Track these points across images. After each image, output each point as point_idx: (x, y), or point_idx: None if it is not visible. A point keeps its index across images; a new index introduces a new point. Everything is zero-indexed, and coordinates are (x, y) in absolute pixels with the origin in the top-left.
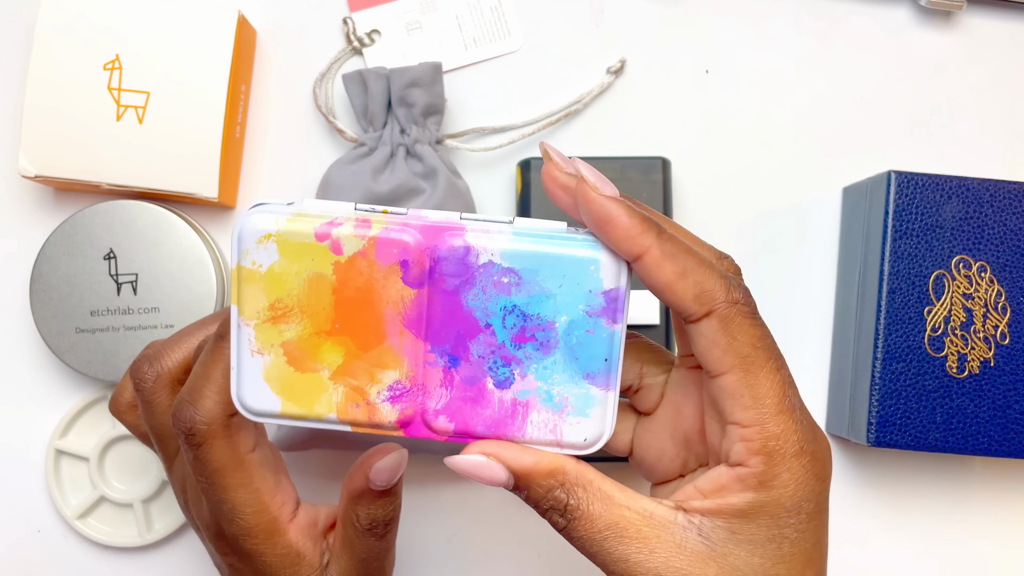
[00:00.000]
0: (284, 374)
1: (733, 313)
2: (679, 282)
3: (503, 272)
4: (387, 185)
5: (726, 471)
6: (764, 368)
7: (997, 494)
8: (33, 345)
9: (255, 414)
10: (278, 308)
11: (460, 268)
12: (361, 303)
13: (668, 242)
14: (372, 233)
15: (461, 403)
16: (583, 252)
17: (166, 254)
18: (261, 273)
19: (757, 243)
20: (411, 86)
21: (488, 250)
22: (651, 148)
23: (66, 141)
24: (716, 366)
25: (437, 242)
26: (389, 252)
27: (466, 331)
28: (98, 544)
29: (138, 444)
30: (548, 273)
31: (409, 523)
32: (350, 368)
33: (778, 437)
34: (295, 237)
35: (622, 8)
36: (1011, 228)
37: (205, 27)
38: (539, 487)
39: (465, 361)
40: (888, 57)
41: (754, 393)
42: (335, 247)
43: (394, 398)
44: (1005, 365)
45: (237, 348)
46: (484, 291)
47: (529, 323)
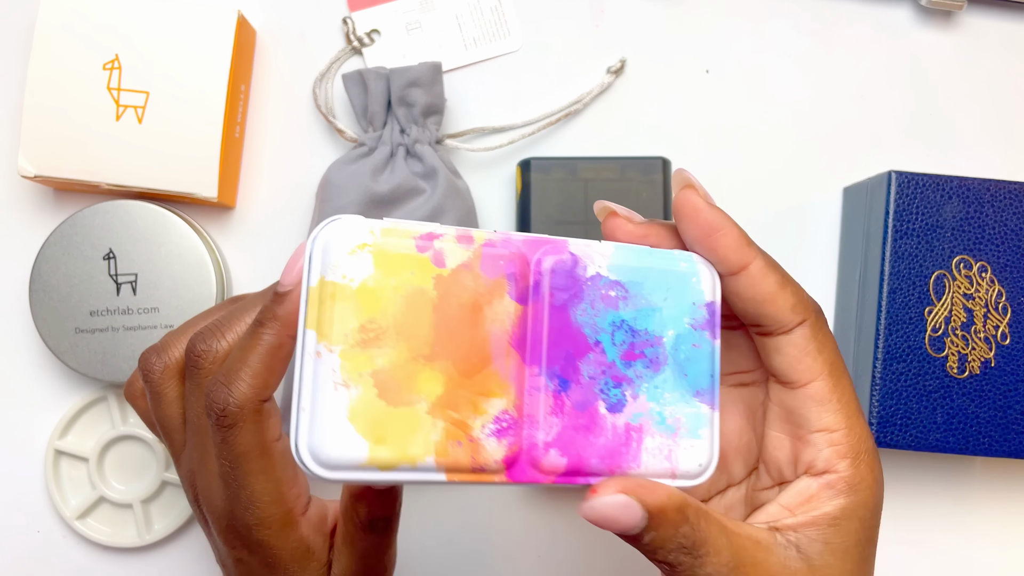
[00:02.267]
0: (374, 410)
1: (822, 324)
2: (781, 292)
3: (611, 285)
4: (387, 185)
5: (813, 481)
6: (845, 375)
7: (997, 494)
8: (32, 345)
9: (333, 466)
10: (370, 329)
11: (569, 281)
12: (464, 321)
13: (767, 255)
14: (477, 243)
15: (573, 432)
16: (685, 265)
17: (166, 254)
18: (353, 289)
19: (757, 243)
20: (411, 86)
21: (595, 262)
22: (651, 148)
23: (66, 141)
24: (806, 374)
25: (543, 254)
26: (495, 264)
27: (575, 350)
28: (98, 544)
29: (138, 444)
30: (653, 286)
31: (409, 523)
32: (451, 398)
33: (861, 439)
34: (394, 247)
35: (622, 8)
36: (1011, 228)
37: (205, 27)
38: (670, 526)
39: (576, 384)
40: (888, 57)
41: (840, 398)
42: (437, 258)
43: (500, 431)
44: (1006, 365)
45: (312, 382)
46: (593, 305)
47: (638, 339)
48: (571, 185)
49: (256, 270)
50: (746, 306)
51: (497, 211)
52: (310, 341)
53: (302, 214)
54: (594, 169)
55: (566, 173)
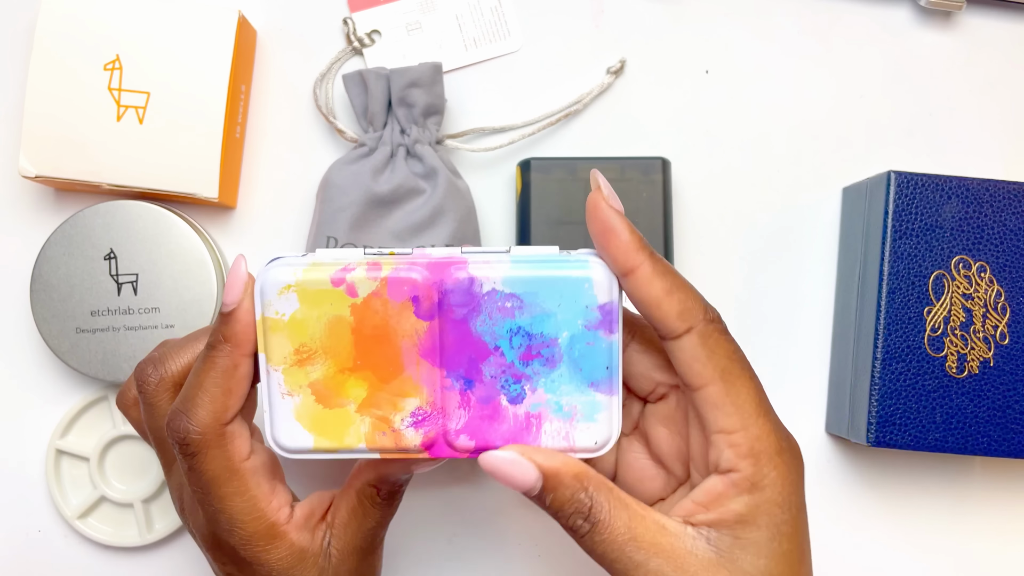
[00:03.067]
0: (314, 412)
1: (711, 329)
2: (666, 298)
3: (506, 297)
4: (387, 185)
5: (719, 480)
6: (740, 378)
7: (997, 494)
8: (33, 345)
9: (290, 451)
10: (303, 352)
11: (467, 298)
12: (379, 339)
13: (659, 262)
14: (383, 274)
15: (479, 421)
16: (577, 272)
17: (166, 254)
18: (284, 322)
19: (757, 243)
20: (411, 86)
21: (491, 279)
22: (651, 148)
23: (66, 142)
24: (697, 379)
25: (443, 276)
26: (400, 290)
27: (477, 355)
28: (98, 544)
29: (138, 444)
30: (547, 294)
31: (409, 523)
32: (374, 400)
33: (760, 439)
34: (313, 285)
35: (622, 8)
36: (1011, 228)
37: (205, 27)
38: (566, 489)
39: (479, 382)
40: (888, 57)
41: (734, 400)
42: (351, 290)
43: (417, 423)
44: (1005, 365)
45: (268, 392)
46: (490, 316)
47: (534, 341)
48: (571, 185)
49: (257, 270)
50: (639, 308)
51: (497, 211)
52: (262, 362)
53: (303, 214)
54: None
55: (566, 173)
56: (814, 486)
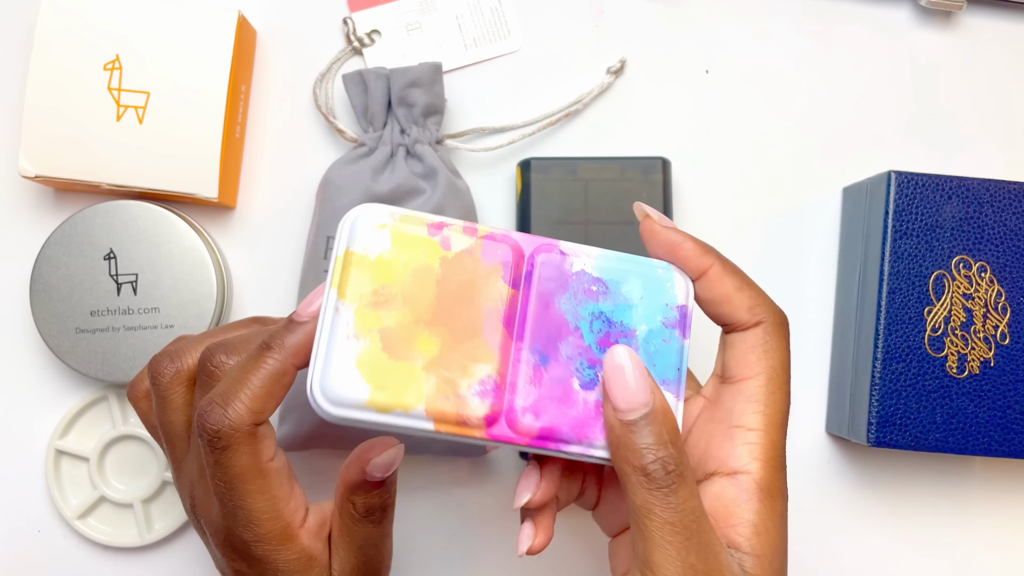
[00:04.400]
0: (378, 361)
1: (777, 329)
2: (737, 293)
3: (593, 281)
4: (387, 185)
5: (726, 483)
6: (782, 387)
7: (997, 494)
8: (33, 345)
9: (337, 403)
10: (382, 294)
11: (556, 273)
12: (462, 297)
13: (728, 263)
14: (481, 233)
15: (548, 401)
16: (662, 271)
17: (166, 254)
18: (371, 259)
19: (757, 243)
20: (411, 86)
21: (581, 260)
22: (651, 148)
23: (66, 141)
24: (746, 371)
25: (536, 249)
26: (494, 252)
27: (557, 332)
28: (98, 544)
29: (138, 444)
30: (632, 286)
31: (409, 523)
32: (444, 359)
33: (775, 446)
34: (409, 229)
35: (622, 8)
36: (1011, 228)
37: (205, 27)
38: (668, 431)
39: (554, 360)
40: (888, 57)
41: (768, 403)
42: (445, 243)
43: (484, 392)
44: (1005, 365)
45: (329, 332)
46: (575, 296)
47: (614, 329)
48: (571, 185)
49: (256, 270)
50: (709, 307)
51: (497, 211)
52: (331, 298)
53: (303, 214)
54: (594, 169)
55: (566, 173)
56: (814, 486)
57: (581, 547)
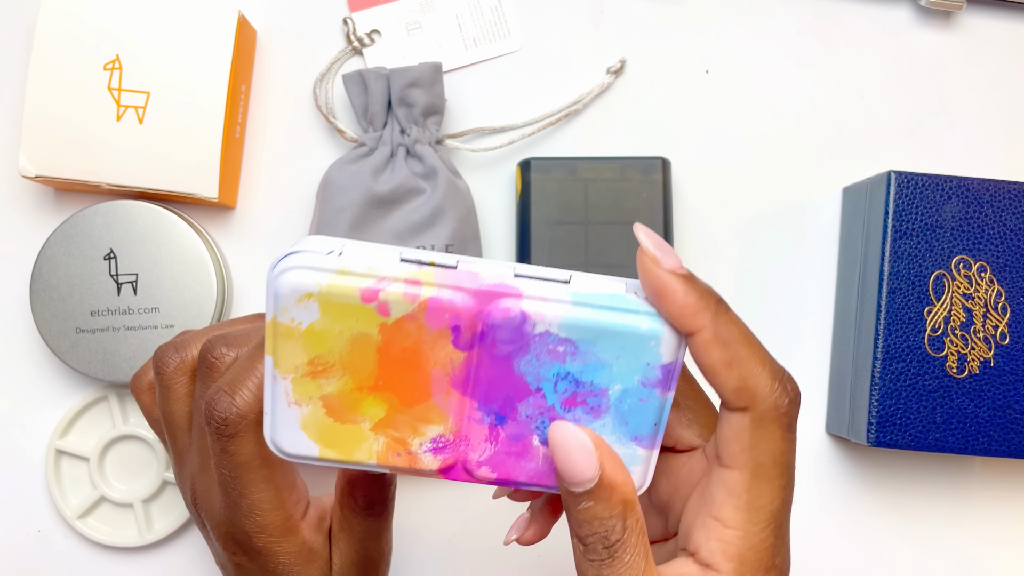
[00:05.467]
0: (323, 424)
1: (768, 420)
2: (724, 370)
3: (560, 342)
4: (387, 185)
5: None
6: (772, 482)
7: (997, 494)
8: (33, 345)
9: (290, 457)
10: (318, 364)
11: (515, 336)
12: (407, 363)
13: (724, 325)
14: (423, 296)
15: (505, 456)
16: (646, 326)
17: (166, 254)
18: (300, 331)
19: (757, 243)
20: (411, 86)
21: (546, 320)
22: (651, 148)
23: (66, 141)
24: (730, 459)
25: (492, 308)
26: (440, 317)
27: (515, 394)
28: (98, 544)
29: (138, 444)
30: (607, 345)
31: (409, 523)
32: (393, 421)
33: (755, 550)
34: (339, 299)
35: (622, 8)
36: (1011, 228)
37: (205, 27)
38: (610, 507)
39: (512, 420)
40: (888, 57)
41: (751, 500)
42: (382, 309)
43: (436, 450)
44: (1005, 365)
45: (272, 396)
46: (538, 358)
47: (581, 389)
48: (571, 185)
49: (257, 270)
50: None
51: (497, 211)
52: (269, 364)
53: (303, 214)
54: (594, 169)
55: (566, 173)
56: (814, 486)
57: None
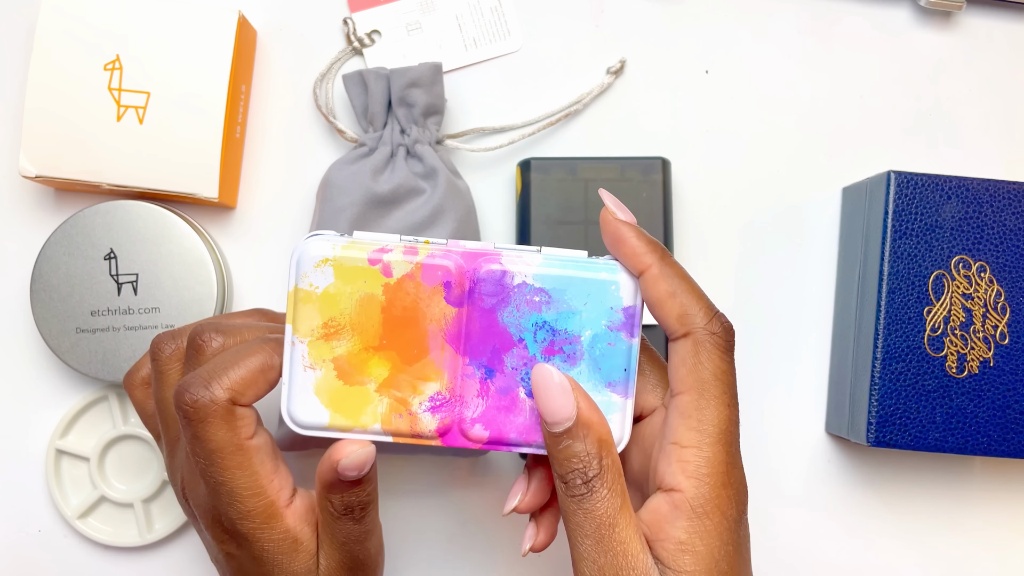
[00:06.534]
0: (333, 387)
1: (706, 340)
2: (668, 300)
3: (535, 292)
4: (387, 185)
5: (663, 499)
6: (717, 398)
7: (997, 494)
8: (33, 345)
9: (304, 427)
10: (331, 326)
11: (497, 288)
12: (407, 321)
13: (668, 266)
14: (419, 259)
15: (496, 412)
16: (605, 274)
17: (166, 254)
18: (317, 294)
19: (757, 243)
20: (411, 86)
21: (522, 273)
22: (651, 148)
23: (67, 141)
24: (678, 385)
25: (476, 265)
26: (434, 275)
27: (501, 345)
28: (98, 544)
29: (138, 444)
30: (575, 292)
31: (409, 523)
32: (395, 381)
33: (711, 463)
34: (350, 261)
35: (622, 8)
36: (1010, 228)
37: (205, 27)
38: (587, 444)
39: (500, 373)
40: (888, 57)
41: (700, 417)
42: (386, 270)
43: (434, 408)
44: (1005, 365)
45: (290, 364)
46: (518, 309)
47: (558, 337)
48: (571, 185)
49: (257, 270)
50: (649, 309)
51: (497, 211)
52: (288, 333)
53: (303, 214)
54: (594, 169)
55: (566, 173)
56: (814, 486)
57: None
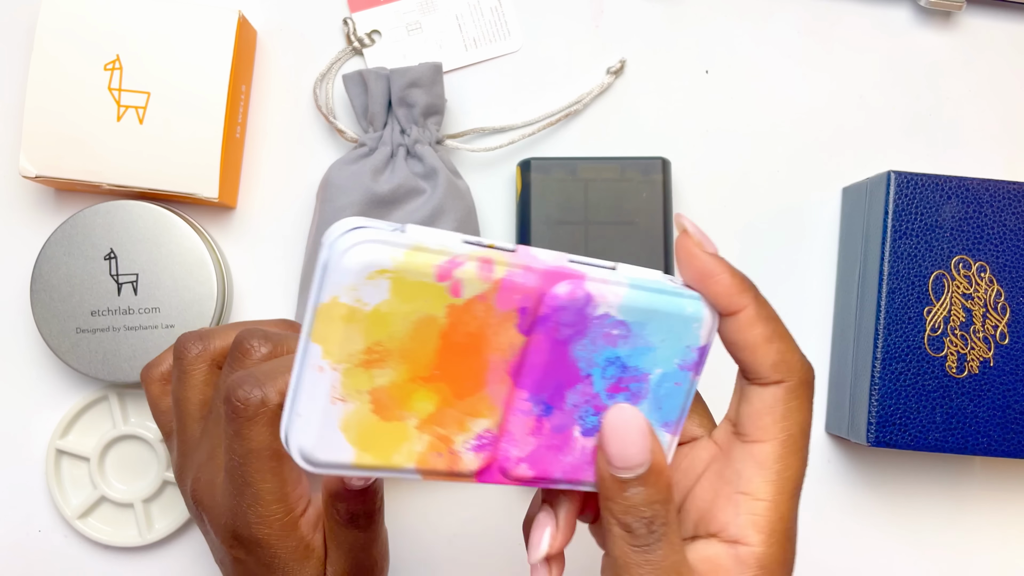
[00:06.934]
0: (366, 423)
1: (800, 392)
2: (764, 345)
3: (615, 324)
4: (387, 185)
5: (723, 550)
6: (797, 454)
7: (997, 494)
8: (33, 345)
9: (319, 466)
10: (375, 351)
11: (576, 318)
12: (468, 349)
13: (763, 305)
14: (497, 276)
15: (545, 451)
16: (691, 309)
17: (166, 254)
18: (365, 312)
19: (757, 243)
20: (411, 86)
21: (607, 302)
22: (651, 148)
23: (67, 141)
24: (760, 433)
25: (558, 289)
26: (510, 297)
27: (566, 380)
28: (98, 544)
29: (139, 444)
30: (656, 328)
31: (409, 523)
32: (441, 416)
33: (783, 521)
34: (414, 275)
35: (622, 8)
36: (1010, 228)
37: (206, 28)
38: (656, 491)
39: (558, 410)
40: (888, 57)
41: (781, 470)
42: (454, 289)
43: (479, 447)
44: (1005, 365)
45: (310, 390)
46: (593, 342)
47: (627, 374)
48: (571, 185)
49: (257, 270)
50: (731, 350)
51: (497, 211)
52: (314, 354)
53: (303, 214)
54: (594, 169)
55: (566, 173)
56: (814, 486)
57: (582, 547)
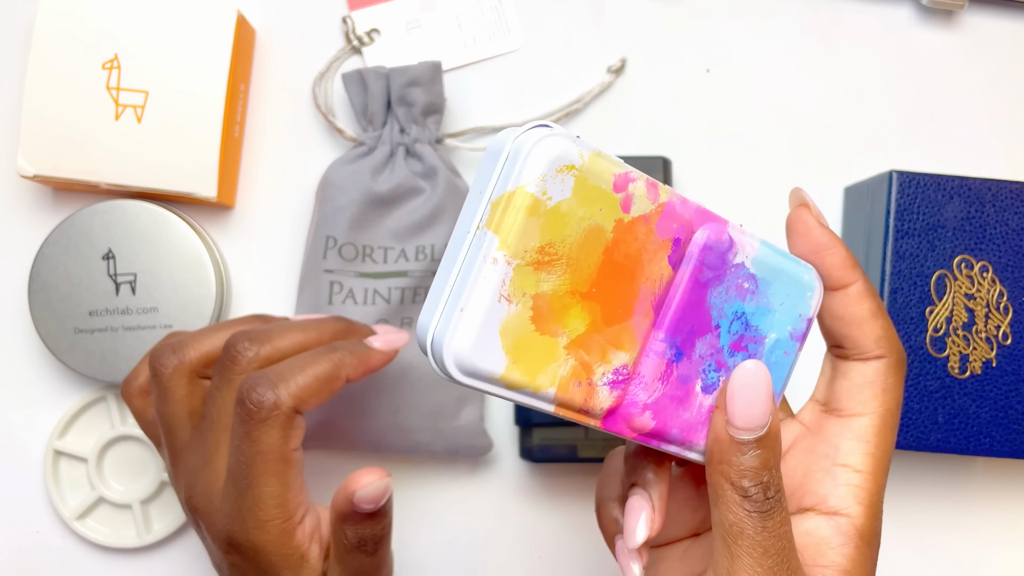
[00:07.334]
0: (523, 331)
1: (900, 367)
2: (871, 320)
3: (748, 277)
4: (387, 184)
5: (823, 522)
6: (894, 430)
7: (999, 495)
8: (31, 345)
9: (467, 372)
10: (548, 252)
11: (719, 261)
12: (624, 271)
13: (869, 282)
14: (662, 199)
15: (668, 401)
16: (807, 277)
17: (165, 254)
18: (548, 207)
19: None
20: (411, 85)
21: (744, 252)
22: (651, 148)
23: (65, 141)
24: (859, 406)
25: (707, 228)
26: (669, 226)
27: (699, 327)
28: (97, 545)
29: (137, 445)
30: (778, 289)
31: (409, 523)
32: (588, 340)
33: (881, 491)
34: (595, 179)
35: (623, 7)
36: (1013, 228)
37: (204, 26)
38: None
39: (687, 358)
40: (890, 56)
41: (880, 443)
42: (626, 203)
43: (615, 383)
44: (1007, 365)
45: (476, 288)
46: (727, 291)
47: (748, 332)
48: None
49: (255, 270)
50: (834, 324)
51: None
52: (491, 244)
53: (302, 214)
54: None
55: None
56: None
57: (582, 547)
